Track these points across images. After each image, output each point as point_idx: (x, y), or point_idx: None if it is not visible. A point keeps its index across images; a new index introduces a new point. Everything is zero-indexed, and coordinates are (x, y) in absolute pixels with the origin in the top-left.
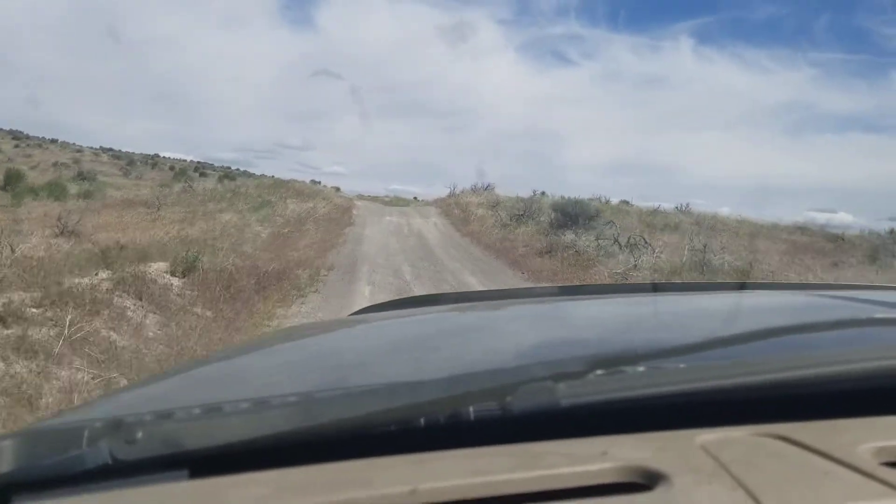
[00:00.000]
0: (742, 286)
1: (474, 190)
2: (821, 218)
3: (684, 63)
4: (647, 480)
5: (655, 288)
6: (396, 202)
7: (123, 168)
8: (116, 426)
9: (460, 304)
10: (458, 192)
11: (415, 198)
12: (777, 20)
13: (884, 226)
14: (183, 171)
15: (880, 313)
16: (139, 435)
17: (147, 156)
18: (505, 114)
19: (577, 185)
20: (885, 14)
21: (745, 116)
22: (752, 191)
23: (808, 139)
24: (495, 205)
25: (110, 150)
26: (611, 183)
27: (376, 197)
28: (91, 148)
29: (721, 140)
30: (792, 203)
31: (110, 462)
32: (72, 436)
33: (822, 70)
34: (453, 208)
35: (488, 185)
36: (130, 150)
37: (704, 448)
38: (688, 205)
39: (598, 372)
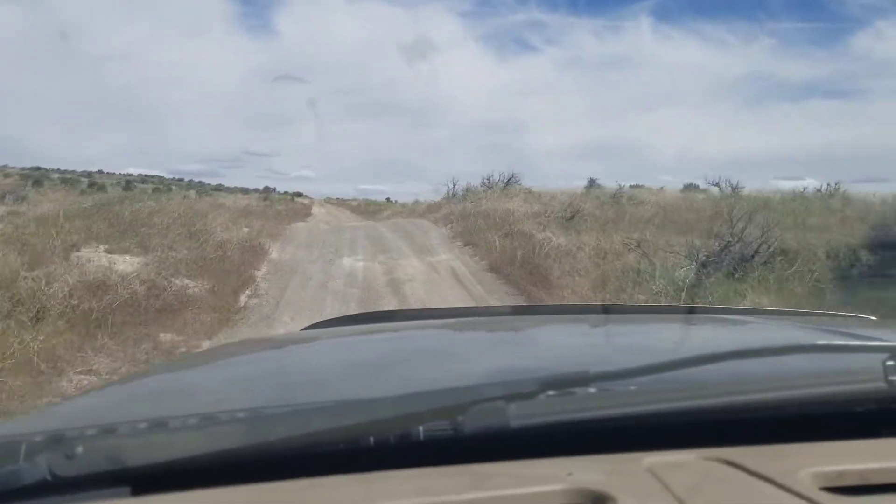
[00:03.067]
0: (691, 310)
1: (489, 185)
2: (788, 185)
3: (645, 43)
4: (594, 502)
5: (606, 310)
6: (367, 207)
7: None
8: (56, 440)
9: (414, 322)
10: (460, 192)
11: (388, 199)
12: None
13: (852, 189)
14: (102, 187)
15: (823, 339)
16: (80, 450)
17: (75, 172)
18: (471, 106)
19: (547, 171)
20: None
21: (708, 91)
22: (720, 164)
23: (770, 109)
24: (571, 216)
25: (38, 168)
26: (582, 167)
27: (343, 200)
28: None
29: (687, 116)
30: (759, 173)
31: (49, 478)
32: (8, 450)
33: (779, 40)
34: (473, 225)
35: (511, 178)
36: (90, 169)
37: (651, 471)
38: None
39: (550, 393)
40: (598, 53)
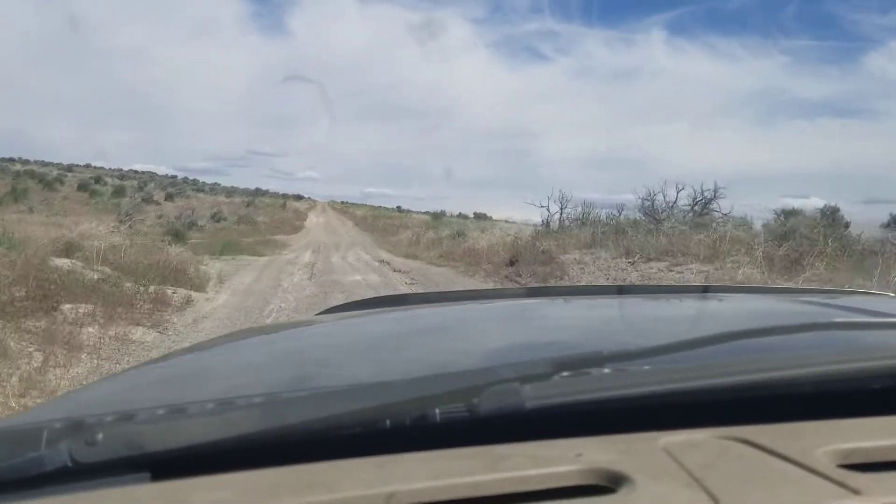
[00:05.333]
0: (706, 289)
1: (663, 210)
2: (794, 204)
3: (657, 55)
4: (611, 483)
5: (621, 290)
6: (374, 222)
7: None
8: (76, 427)
9: (427, 306)
10: (573, 215)
11: (398, 208)
12: (748, 9)
13: (858, 209)
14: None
15: (840, 317)
16: (100, 436)
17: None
18: (480, 113)
19: (553, 180)
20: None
21: (718, 106)
22: (725, 180)
23: (780, 126)
24: None
25: (27, 161)
26: (589, 176)
27: (348, 205)
28: None
29: (695, 130)
30: (766, 190)
31: (70, 464)
32: (30, 437)
33: (792, 57)
34: None
35: (712, 196)
36: (101, 165)
37: (667, 450)
38: None
39: (564, 374)
40: (610, 64)
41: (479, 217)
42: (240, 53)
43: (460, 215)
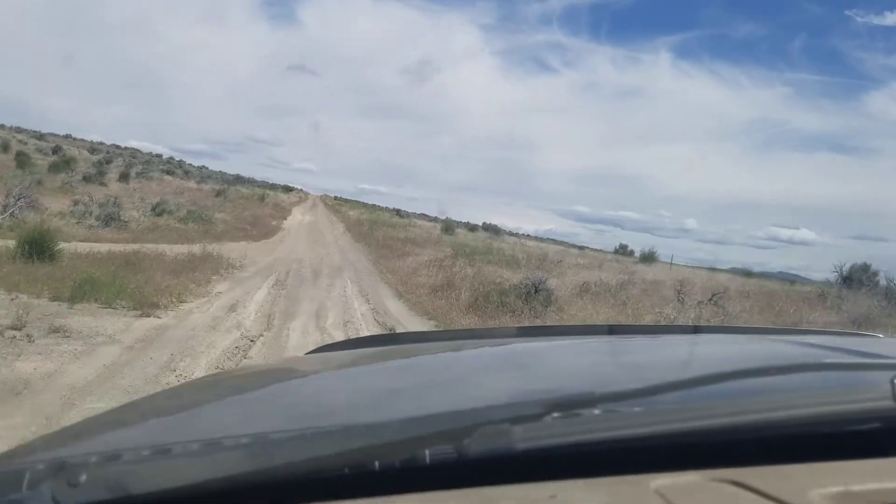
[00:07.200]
0: (696, 329)
1: None
2: (784, 234)
3: (662, 76)
4: None
5: (611, 330)
6: (368, 229)
7: None
8: (59, 468)
9: (418, 345)
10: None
11: (398, 212)
12: (755, 39)
13: (846, 244)
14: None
15: (830, 358)
16: (83, 478)
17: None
18: (479, 119)
19: (546, 193)
20: (860, 38)
21: (717, 131)
22: (718, 204)
23: (776, 156)
24: None
25: (22, 130)
26: (581, 192)
27: (342, 201)
28: None
29: (692, 153)
30: (757, 218)
31: None
32: (12, 478)
33: (794, 89)
34: None
35: None
36: (96, 139)
37: (660, 493)
38: None
39: (555, 415)
40: (614, 82)
41: (489, 229)
42: (248, 39)
43: (468, 225)
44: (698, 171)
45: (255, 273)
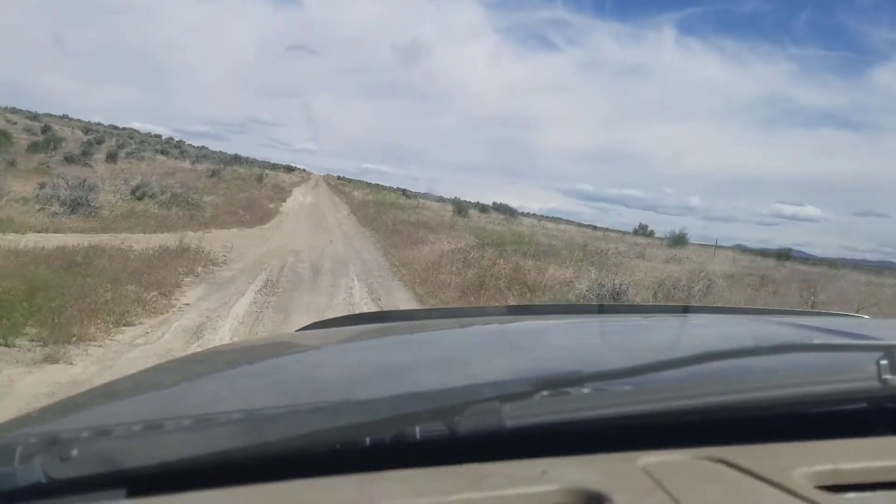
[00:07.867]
0: (686, 309)
1: None
2: (788, 210)
3: (666, 53)
4: (589, 502)
5: (602, 309)
6: (375, 212)
7: None
8: (51, 442)
9: (409, 323)
10: None
11: (404, 192)
12: (760, 14)
13: (850, 220)
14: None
15: (818, 339)
16: (75, 452)
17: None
18: (482, 98)
19: (549, 172)
20: (865, 13)
21: (721, 108)
22: (722, 182)
23: (781, 133)
24: None
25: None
26: (584, 170)
27: (343, 180)
28: None
29: (696, 130)
30: (761, 195)
31: (43, 480)
32: (3, 452)
33: (800, 65)
34: None
35: None
36: (98, 121)
37: (646, 471)
38: None
39: (545, 393)
40: (618, 59)
41: (501, 209)
42: (249, 20)
43: (479, 205)
44: (702, 148)
45: (240, 271)
